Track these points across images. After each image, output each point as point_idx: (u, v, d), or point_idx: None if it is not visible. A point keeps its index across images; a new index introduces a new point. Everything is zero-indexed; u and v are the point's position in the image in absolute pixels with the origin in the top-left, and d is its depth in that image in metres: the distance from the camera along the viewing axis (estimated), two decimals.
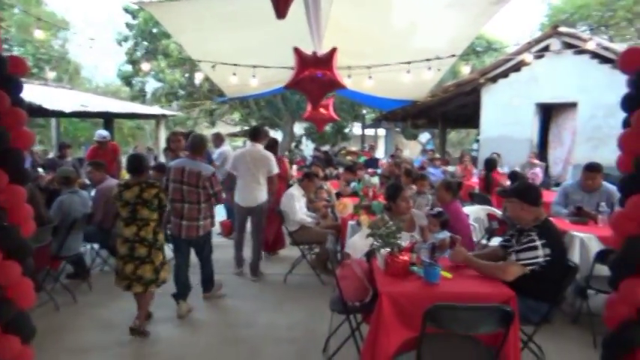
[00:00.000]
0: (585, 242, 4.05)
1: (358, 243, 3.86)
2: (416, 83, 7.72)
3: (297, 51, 5.88)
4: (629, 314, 2.79)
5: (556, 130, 10.65)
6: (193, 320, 4.33)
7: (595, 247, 3.98)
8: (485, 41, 20.93)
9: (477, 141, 13.16)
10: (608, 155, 2.84)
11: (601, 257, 3.61)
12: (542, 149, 10.85)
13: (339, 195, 6.74)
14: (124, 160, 8.16)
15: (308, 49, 5.93)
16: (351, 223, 4.90)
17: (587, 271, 3.82)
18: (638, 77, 2.69)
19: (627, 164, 2.78)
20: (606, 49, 8.92)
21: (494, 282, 2.90)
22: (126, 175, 4.86)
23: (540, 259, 2.93)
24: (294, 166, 10.42)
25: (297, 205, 5.54)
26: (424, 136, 23.28)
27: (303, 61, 5.87)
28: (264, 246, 6.00)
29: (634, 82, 2.73)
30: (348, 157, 12.90)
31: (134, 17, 18.62)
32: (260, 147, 5.45)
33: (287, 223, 5.53)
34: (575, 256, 4.02)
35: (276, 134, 20.97)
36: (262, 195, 5.38)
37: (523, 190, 3.20)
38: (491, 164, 7.43)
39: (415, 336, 2.52)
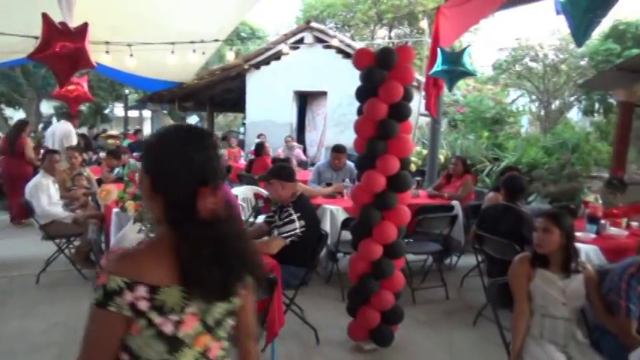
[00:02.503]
0: (334, 213, 4.71)
1: (129, 235, 3.66)
2: (181, 65, 7.60)
3: (45, 18, 5.08)
4: (366, 269, 3.41)
5: (311, 115, 11.91)
6: None
7: (342, 216, 4.66)
8: (249, 28, 21.70)
9: (244, 125, 13.72)
10: (352, 138, 3.37)
11: (345, 224, 4.25)
12: (300, 133, 12.00)
13: (100, 182, 6.21)
14: None
15: (57, 17, 5.19)
16: (115, 210, 4.60)
17: (336, 237, 4.47)
18: (367, 73, 3.26)
19: (361, 145, 3.36)
20: (348, 45, 10.35)
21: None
22: None
23: (297, 231, 3.31)
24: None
25: (43, 196, 4.91)
26: (192, 119, 23.05)
27: (52, 30, 5.12)
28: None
29: (364, 76, 3.29)
30: (110, 141, 11.88)
31: None
32: None
33: (35, 216, 4.86)
34: (326, 226, 4.64)
35: (18, 114, 17.80)
36: None
37: (279, 171, 3.53)
38: (260, 149, 7.91)
39: None
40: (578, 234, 3.82)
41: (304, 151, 11.20)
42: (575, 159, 7.84)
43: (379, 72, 3.20)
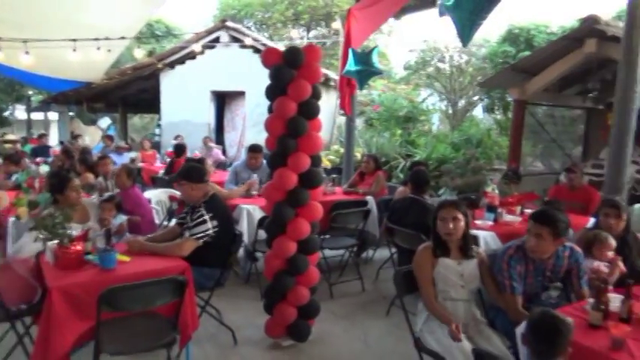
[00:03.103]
0: (251, 212, 4.70)
1: (27, 246, 3.40)
2: (86, 63, 7.17)
3: None
4: (281, 266, 3.44)
5: (230, 115, 11.74)
6: None
7: (259, 215, 4.66)
8: (165, 26, 20.92)
9: (159, 126, 13.22)
10: None
11: (261, 223, 4.26)
12: (219, 133, 11.79)
13: None
14: None
15: None
16: (12, 219, 4.26)
17: (253, 237, 4.46)
18: (275, 72, 3.28)
19: (272, 143, 3.38)
20: (264, 45, 10.32)
21: (171, 258, 3.07)
22: None
23: (210, 231, 3.26)
24: None
25: None
26: (104, 121, 21.74)
27: None
28: None
29: (273, 75, 3.32)
30: (8, 146, 10.97)
31: None
32: None
33: None
34: (243, 225, 4.62)
35: None
36: None
37: (188, 172, 3.46)
38: (180, 150, 7.69)
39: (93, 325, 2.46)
40: (477, 222, 4.13)
41: (224, 151, 11.03)
42: (479, 153, 8.42)
43: (287, 71, 3.24)
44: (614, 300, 2.36)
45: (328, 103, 11.63)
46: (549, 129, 9.03)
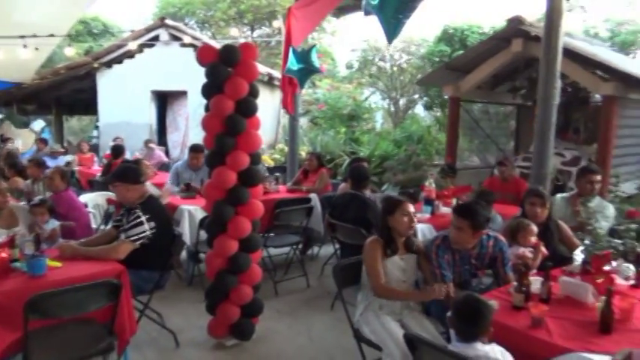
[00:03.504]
0: (192, 213, 4.62)
1: None
2: (13, 62, 6.78)
3: None
4: (223, 265, 3.42)
5: (172, 116, 11.46)
6: None
7: (200, 216, 4.59)
8: (102, 24, 20.10)
9: (97, 127, 12.68)
10: None
11: (202, 223, 4.21)
12: (162, 134, 11.48)
13: None
14: None
15: None
16: None
17: (195, 237, 4.39)
18: (211, 69, 3.27)
19: (210, 142, 3.36)
20: (205, 44, 10.16)
21: (106, 261, 2.98)
22: None
23: (147, 233, 3.19)
24: None
25: None
26: (38, 124, 20.59)
27: None
28: None
29: (209, 73, 3.30)
30: None
31: None
32: None
33: None
34: (185, 227, 4.54)
35: None
36: None
37: (123, 173, 3.37)
38: (118, 151, 7.42)
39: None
40: (417, 215, 4.28)
41: (167, 153, 10.75)
42: (420, 150, 8.69)
43: (223, 69, 3.24)
44: (535, 282, 2.53)
45: (273, 102, 11.60)
46: (484, 125, 9.46)
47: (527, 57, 6.40)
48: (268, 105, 10.87)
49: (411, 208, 2.82)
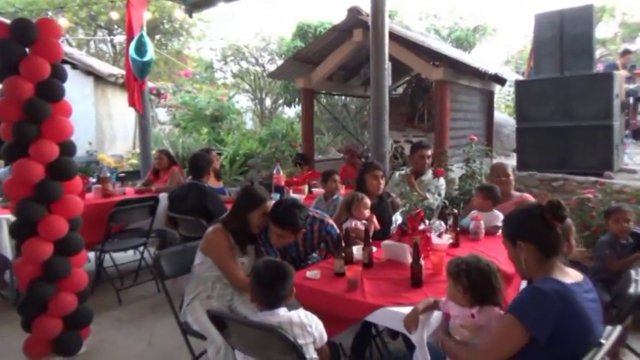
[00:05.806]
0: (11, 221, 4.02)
1: None
2: None
3: None
4: (36, 272, 2.97)
5: None
6: None
7: None
8: None
9: None
10: None
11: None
12: None
13: None
14: None
15: None
16: None
17: (15, 250, 3.81)
18: (1, 47, 2.83)
19: (8, 132, 2.90)
20: None
21: None
22: None
23: None
24: None
25: None
26: None
27: None
28: None
29: None
30: None
31: None
32: None
33: None
34: (4, 240, 3.93)
35: None
36: None
37: None
38: None
39: None
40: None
41: None
42: (284, 145, 8.71)
43: (17, 46, 2.82)
44: (357, 250, 2.55)
45: None
46: (345, 118, 9.80)
47: (368, 47, 6.67)
48: (127, 109, 10.11)
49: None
